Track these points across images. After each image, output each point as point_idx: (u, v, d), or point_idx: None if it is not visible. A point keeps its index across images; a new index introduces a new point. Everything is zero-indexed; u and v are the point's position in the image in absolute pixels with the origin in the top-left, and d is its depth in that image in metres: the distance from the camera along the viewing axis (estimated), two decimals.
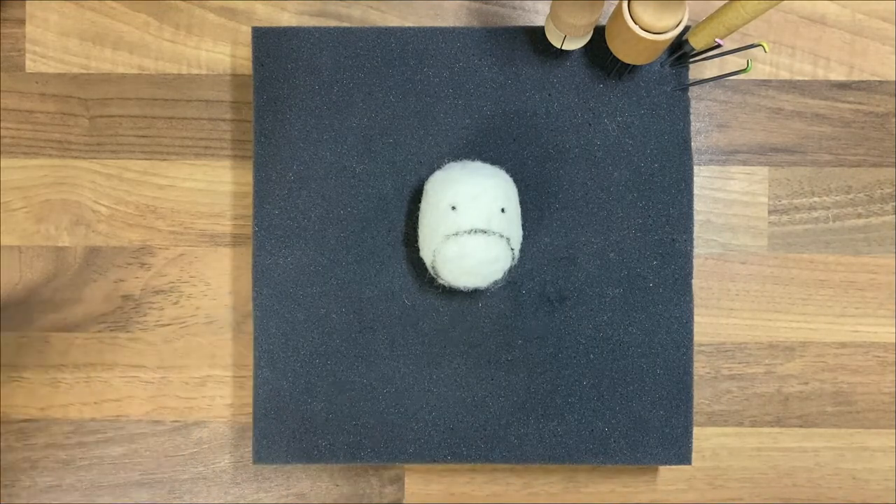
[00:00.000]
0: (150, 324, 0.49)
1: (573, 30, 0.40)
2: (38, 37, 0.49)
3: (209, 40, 0.49)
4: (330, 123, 0.45)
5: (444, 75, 0.46)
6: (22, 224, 0.49)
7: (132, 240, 0.49)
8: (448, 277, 0.42)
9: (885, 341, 0.49)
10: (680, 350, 0.45)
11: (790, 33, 0.49)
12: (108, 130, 0.49)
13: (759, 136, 0.49)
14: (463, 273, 0.41)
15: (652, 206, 0.45)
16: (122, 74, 0.49)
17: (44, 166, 0.49)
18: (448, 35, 0.46)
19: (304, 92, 0.45)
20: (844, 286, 0.49)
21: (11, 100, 0.49)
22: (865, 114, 0.49)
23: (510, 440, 0.45)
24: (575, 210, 0.45)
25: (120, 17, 0.49)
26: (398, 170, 0.45)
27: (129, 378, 0.49)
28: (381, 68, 0.45)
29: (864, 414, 0.49)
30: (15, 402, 0.49)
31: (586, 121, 0.45)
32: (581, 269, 0.45)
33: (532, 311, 0.45)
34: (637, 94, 0.45)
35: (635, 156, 0.45)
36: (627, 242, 0.45)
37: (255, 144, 0.45)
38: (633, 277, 0.45)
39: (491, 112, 0.46)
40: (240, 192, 0.49)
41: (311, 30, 0.46)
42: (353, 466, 0.49)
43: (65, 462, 0.49)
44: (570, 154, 0.46)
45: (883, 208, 0.49)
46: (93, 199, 0.49)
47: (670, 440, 0.45)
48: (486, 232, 0.40)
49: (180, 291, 0.49)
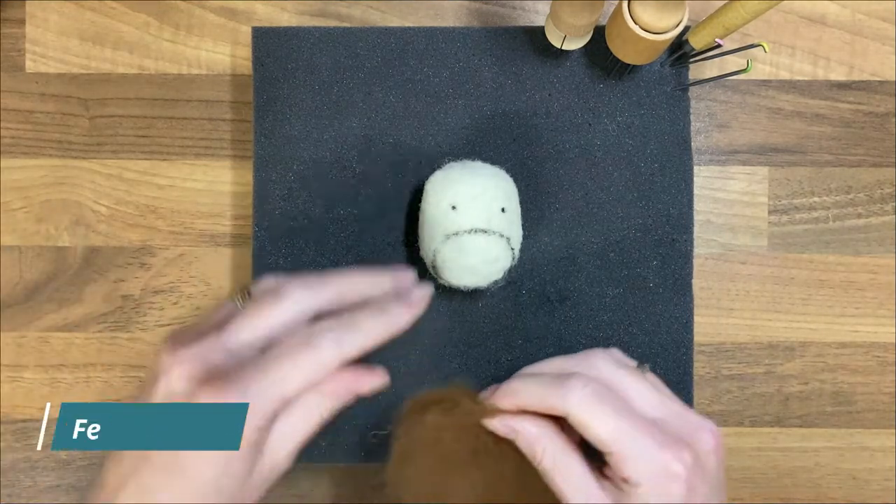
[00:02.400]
0: (150, 324, 0.49)
1: (573, 30, 0.40)
2: (37, 37, 0.49)
3: (209, 40, 0.49)
4: (330, 123, 0.45)
5: (444, 75, 0.46)
6: (22, 224, 0.49)
7: (132, 240, 0.49)
8: (448, 277, 0.42)
9: (885, 341, 0.49)
10: (680, 350, 0.45)
11: (790, 33, 0.49)
12: (108, 130, 0.49)
13: (760, 136, 0.49)
14: (463, 272, 0.41)
15: (652, 206, 0.45)
16: (122, 74, 0.49)
17: (44, 166, 0.49)
18: (448, 35, 0.46)
19: (303, 92, 0.45)
20: (844, 286, 0.49)
21: (11, 100, 0.49)
22: (865, 114, 0.49)
23: None
24: (575, 210, 0.45)
25: (120, 17, 0.49)
26: (398, 170, 0.45)
27: (128, 378, 0.49)
28: (381, 68, 0.45)
29: (864, 414, 0.49)
30: (15, 402, 0.49)
31: (586, 121, 0.45)
32: (581, 269, 0.45)
33: (532, 311, 0.45)
34: (637, 94, 0.45)
35: (635, 156, 0.45)
36: (627, 242, 0.45)
37: (255, 144, 0.45)
38: (633, 277, 0.45)
39: (491, 112, 0.46)
40: (240, 192, 0.49)
41: (311, 30, 0.46)
42: (353, 466, 0.49)
43: (65, 462, 0.49)
44: (570, 154, 0.46)
45: (883, 208, 0.49)
46: (93, 199, 0.49)
47: None
48: (487, 231, 0.40)
49: (180, 291, 0.49)
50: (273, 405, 0.34)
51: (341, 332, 0.35)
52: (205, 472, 0.33)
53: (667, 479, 0.34)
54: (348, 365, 0.36)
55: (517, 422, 0.37)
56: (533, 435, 0.36)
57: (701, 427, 0.36)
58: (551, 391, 0.35)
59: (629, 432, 0.34)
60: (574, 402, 0.35)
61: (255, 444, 0.34)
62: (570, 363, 0.38)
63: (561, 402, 0.35)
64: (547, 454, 0.36)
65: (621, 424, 0.34)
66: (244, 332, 0.36)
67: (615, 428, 0.34)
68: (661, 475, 0.34)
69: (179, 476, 0.33)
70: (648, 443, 0.34)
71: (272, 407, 0.34)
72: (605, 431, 0.34)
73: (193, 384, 0.34)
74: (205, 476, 0.33)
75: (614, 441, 0.34)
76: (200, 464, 0.33)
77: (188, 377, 0.34)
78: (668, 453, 0.34)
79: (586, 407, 0.35)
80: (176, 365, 0.34)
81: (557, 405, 0.35)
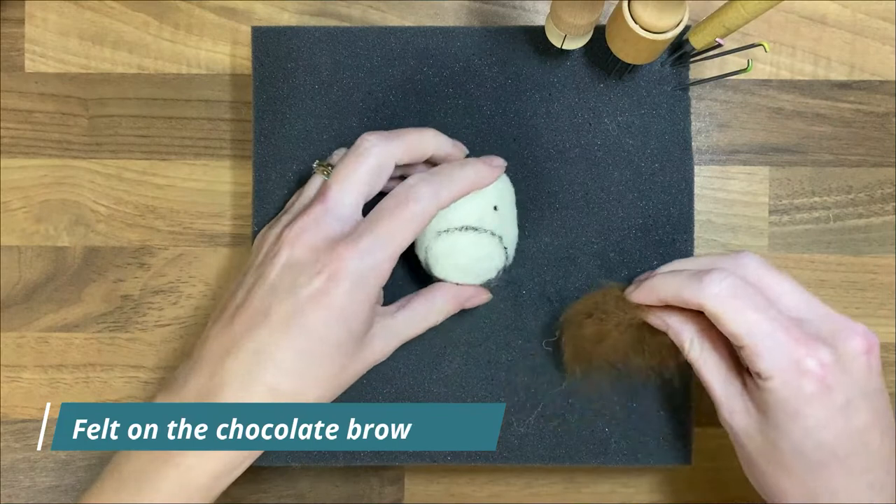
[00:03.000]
0: (150, 324, 0.49)
1: (573, 29, 0.40)
2: (37, 36, 0.49)
3: (209, 40, 0.49)
4: (330, 123, 0.45)
5: (444, 75, 0.45)
6: (21, 224, 0.49)
7: (131, 240, 0.49)
8: (441, 274, 0.42)
9: (886, 341, 0.49)
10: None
11: (790, 33, 0.49)
12: (108, 130, 0.49)
13: (760, 135, 0.49)
14: (454, 270, 0.41)
15: (652, 206, 0.45)
16: (121, 74, 0.49)
17: (43, 166, 0.49)
18: (448, 35, 0.46)
19: (303, 92, 0.45)
20: (845, 286, 0.49)
21: (11, 100, 0.49)
22: (866, 114, 0.49)
23: (510, 440, 0.45)
24: (575, 210, 0.45)
25: (119, 17, 0.49)
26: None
27: (128, 378, 0.49)
28: (381, 68, 0.45)
29: None
30: (15, 402, 0.49)
31: (586, 121, 0.45)
32: (581, 269, 0.45)
33: (532, 311, 0.45)
34: (637, 94, 0.45)
35: (635, 156, 0.45)
36: (627, 242, 0.45)
37: (254, 144, 0.45)
38: (633, 277, 0.45)
39: (491, 112, 0.45)
40: (239, 192, 0.49)
41: (310, 29, 0.46)
42: (353, 466, 0.49)
43: (65, 462, 0.49)
44: (570, 154, 0.45)
45: (883, 208, 0.49)
46: (92, 198, 0.49)
47: (670, 440, 0.45)
48: (478, 229, 0.40)
49: (180, 291, 0.49)
50: (390, 263, 0.37)
51: (435, 184, 0.38)
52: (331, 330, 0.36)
53: (798, 374, 0.35)
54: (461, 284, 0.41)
55: (668, 315, 0.39)
56: (680, 327, 0.39)
57: (850, 329, 0.36)
58: (689, 284, 0.37)
59: (762, 326, 0.35)
60: (709, 295, 0.36)
61: (374, 304, 0.38)
62: (718, 260, 0.39)
63: (697, 295, 0.36)
64: (694, 346, 0.38)
65: (755, 318, 0.35)
66: (346, 196, 0.38)
67: (747, 321, 0.35)
68: (793, 370, 0.35)
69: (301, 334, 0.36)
70: (782, 338, 0.35)
71: (389, 266, 0.37)
72: (738, 324, 0.35)
73: (317, 253, 0.36)
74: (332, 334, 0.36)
75: (747, 334, 0.35)
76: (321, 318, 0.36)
77: (310, 246, 0.37)
78: (803, 349, 0.35)
79: (721, 300, 0.36)
80: (294, 236, 0.37)
81: (694, 297, 0.37)
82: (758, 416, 0.37)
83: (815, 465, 0.35)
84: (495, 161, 0.41)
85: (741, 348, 0.36)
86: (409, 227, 0.37)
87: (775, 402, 0.35)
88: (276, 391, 0.36)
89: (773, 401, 0.35)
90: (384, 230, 0.37)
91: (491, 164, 0.40)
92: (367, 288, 0.37)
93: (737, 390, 0.38)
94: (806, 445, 0.35)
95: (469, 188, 0.39)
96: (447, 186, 0.38)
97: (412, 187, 0.38)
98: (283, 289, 0.37)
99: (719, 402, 0.38)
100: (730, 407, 0.38)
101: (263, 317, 0.36)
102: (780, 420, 0.35)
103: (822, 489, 0.36)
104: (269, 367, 0.36)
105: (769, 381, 0.35)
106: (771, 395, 0.35)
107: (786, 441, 0.36)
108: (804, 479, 0.36)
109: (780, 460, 0.36)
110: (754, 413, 0.37)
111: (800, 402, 0.35)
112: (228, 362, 0.36)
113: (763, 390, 0.36)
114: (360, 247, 0.36)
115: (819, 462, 0.35)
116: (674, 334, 0.39)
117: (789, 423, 0.35)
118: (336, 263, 0.36)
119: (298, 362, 0.36)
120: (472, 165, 0.40)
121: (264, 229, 0.41)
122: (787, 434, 0.35)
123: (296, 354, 0.36)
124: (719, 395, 0.38)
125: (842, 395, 0.35)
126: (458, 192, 0.39)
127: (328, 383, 0.38)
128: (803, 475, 0.36)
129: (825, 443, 0.35)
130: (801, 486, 0.36)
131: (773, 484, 0.37)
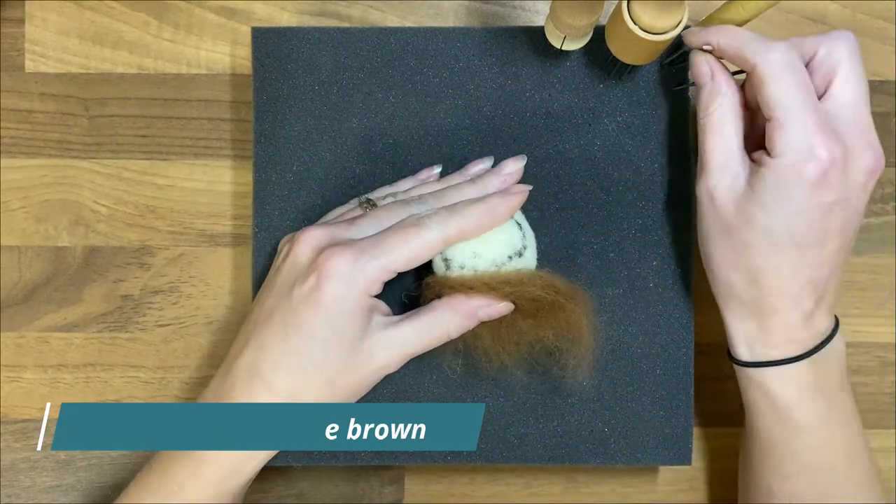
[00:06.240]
0: (150, 324, 0.49)
1: (573, 30, 0.40)
2: (37, 36, 0.49)
3: (209, 40, 0.49)
4: (330, 123, 0.45)
5: (444, 75, 0.45)
6: (21, 224, 0.49)
7: (132, 240, 0.49)
8: (460, 257, 0.40)
9: (885, 341, 0.49)
10: (680, 350, 0.45)
11: (791, 33, 0.49)
12: (108, 130, 0.49)
13: None
14: (477, 242, 0.40)
15: (652, 206, 0.45)
16: (121, 74, 0.49)
17: (43, 166, 0.49)
18: (448, 35, 0.46)
19: (303, 92, 0.45)
20: (845, 286, 0.49)
21: (11, 100, 0.49)
22: None
23: (510, 440, 0.45)
24: (575, 210, 0.45)
25: (119, 17, 0.49)
26: (398, 170, 0.45)
27: (128, 378, 0.49)
28: (381, 68, 0.45)
29: (864, 414, 0.48)
30: (14, 402, 0.49)
31: (586, 121, 0.45)
32: (581, 269, 0.45)
33: None
34: (637, 94, 0.45)
35: (635, 156, 0.45)
36: (627, 242, 0.45)
37: (254, 144, 0.45)
38: (633, 277, 0.45)
39: (491, 112, 0.46)
40: (239, 192, 0.49)
41: (310, 30, 0.46)
42: (353, 466, 0.49)
43: (65, 462, 0.49)
44: (570, 154, 0.45)
45: (883, 208, 0.49)
46: (92, 198, 0.49)
47: (670, 440, 0.45)
48: None
49: (180, 291, 0.49)
50: (382, 273, 0.38)
51: (446, 217, 0.39)
52: (319, 329, 0.37)
53: (807, 157, 0.36)
54: (474, 291, 0.40)
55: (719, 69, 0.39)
56: (722, 84, 0.39)
57: (869, 146, 0.38)
58: (754, 42, 0.37)
59: (798, 104, 0.36)
60: (769, 58, 0.36)
61: (368, 310, 0.38)
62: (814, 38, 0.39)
63: (756, 54, 0.37)
64: (722, 107, 0.39)
65: (796, 94, 0.36)
66: (369, 228, 0.39)
67: (789, 94, 0.36)
68: (804, 152, 0.36)
69: (294, 332, 0.37)
70: (808, 121, 0.36)
71: (381, 275, 0.38)
72: (779, 94, 0.36)
73: (316, 252, 0.38)
74: (320, 333, 0.37)
75: (781, 106, 0.36)
76: (310, 316, 0.37)
77: (313, 247, 0.38)
78: (820, 137, 0.36)
79: (776, 66, 0.36)
80: (304, 239, 0.39)
81: (752, 55, 0.37)
82: (744, 191, 0.38)
83: (776, 246, 0.37)
84: (514, 188, 0.41)
85: (770, 119, 0.37)
86: (408, 247, 0.38)
87: (773, 179, 0.36)
88: (272, 389, 0.37)
89: (771, 178, 0.36)
90: (384, 241, 0.38)
91: (507, 196, 0.40)
92: (354, 290, 0.37)
93: (732, 164, 0.38)
94: (779, 225, 0.37)
95: (480, 227, 0.39)
96: (456, 223, 0.39)
97: (423, 216, 0.39)
98: (285, 289, 0.38)
99: (710, 169, 0.39)
100: (719, 176, 0.39)
101: (267, 316, 0.38)
102: (766, 198, 0.37)
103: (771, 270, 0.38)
104: (266, 364, 0.38)
105: (778, 158, 0.36)
106: (772, 172, 0.36)
107: (762, 217, 0.37)
108: (756, 255, 0.38)
109: (744, 236, 0.38)
110: (740, 189, 0.38)
111: (795, 185, 0.36)
112: (238, 362, 0.38)
113: (767, 166, 0.37)
114: (354, 250, 0.37)
115: (782, 244, 0.37)
116: (712, 87, 0.39)
117: (775, 201, 0.37)
118: (327, 263, 0.37)
119: (290, 360, 0.37)
120: (486, 203, 0.39)
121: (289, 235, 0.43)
122: (768, 211, 0.37)
123: (288, 351, 0.37)
124: (715, 164, 0.39)
125: (832, 194, 0.36)
126: (466, 231, 0.39)
127: (325, 385, 0.38)
128: (758, 251, 0.38)
129: (796, 230, 0.37)
130: (748, 261, 0.38)
131: (721, 255, 0.39)
